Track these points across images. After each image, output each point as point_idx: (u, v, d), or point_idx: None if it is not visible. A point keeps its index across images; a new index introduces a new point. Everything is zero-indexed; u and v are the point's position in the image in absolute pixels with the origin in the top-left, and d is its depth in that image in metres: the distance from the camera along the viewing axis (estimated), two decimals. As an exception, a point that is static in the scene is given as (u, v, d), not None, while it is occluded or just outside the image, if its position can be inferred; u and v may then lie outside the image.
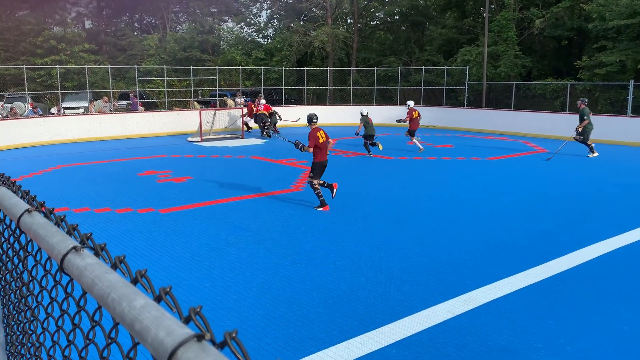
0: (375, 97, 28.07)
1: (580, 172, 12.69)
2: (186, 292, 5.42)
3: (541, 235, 7.51)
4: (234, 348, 0.63)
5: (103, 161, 14.32)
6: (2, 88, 30.74)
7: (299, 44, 31.73)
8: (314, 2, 33.10)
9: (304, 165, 13.48)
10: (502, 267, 6.18)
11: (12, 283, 1.78)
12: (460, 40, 30.35)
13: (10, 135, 17.30)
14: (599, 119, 19.41)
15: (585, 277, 5.90)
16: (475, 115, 23.18)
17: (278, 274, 5.95)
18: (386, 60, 32.24)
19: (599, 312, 4.99)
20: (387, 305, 5.13)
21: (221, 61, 34.43)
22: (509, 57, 26.30)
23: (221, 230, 7.70)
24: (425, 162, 14.07)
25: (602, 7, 22.70)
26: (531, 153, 16.06)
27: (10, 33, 33.10)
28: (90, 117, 19.76)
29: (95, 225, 7.93)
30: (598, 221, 8.29)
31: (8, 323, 1.88)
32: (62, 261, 1.01)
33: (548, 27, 26.65)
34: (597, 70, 22.77)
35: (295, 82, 32.11)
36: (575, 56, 27.48)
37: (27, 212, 1.31)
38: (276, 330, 4.61)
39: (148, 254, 6.67)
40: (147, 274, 0.87)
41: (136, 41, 39.77)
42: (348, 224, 8.06)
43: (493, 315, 4.92)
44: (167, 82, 29.01)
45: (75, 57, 32.49)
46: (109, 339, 1.00)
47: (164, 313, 0.71)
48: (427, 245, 7.05)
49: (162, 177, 11.92)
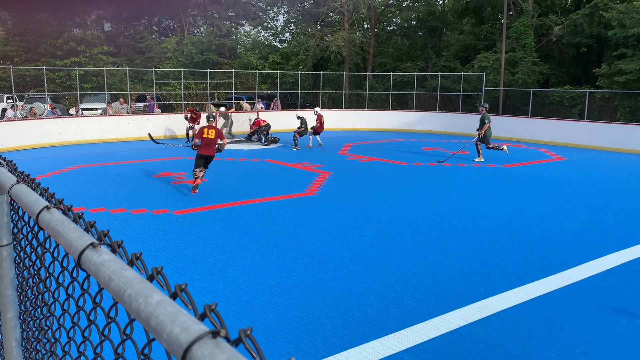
0: (391, 102, 28.02)
1: (601, 181, 12.52)
2: (199, 294, 5.44)
3: (558, 243, 7.42)
4: (248, 345, 0.63)
5: (120, 162, 14.47)
6: (23, 89, 31.25)
7: (316, 48, 31.84)
8: (331, 7, 33.19)
9: (319, 169, 13.49)
10: (518, 275, 6.11)
11: (29, 280, 1.80)
12: (478, 46, 30.20)
13: (29, 135, 17.58)
14: (618, 127, 19.21)
15: (601, 287, 5.82)
16: (492, 121, 22.97)
17: (291, 278, 5.95)
18: (402, 65, 32.19)
19: (616, 323, 4.91)
20: (400, 311, 5.11)
21: (238, 64, 34.67)
22: (526, 63, 26.10)
23: (235, 233, 7.73)
24: (440, 168, 13.99)
25: (623, 15, 22.45)
26: (549, 160, 15.90)
27: (32, 35, 33.68)
28: (108, 119, 20.00)
29: (110, 225, 8.01)
30: (615, 231, 8.17)
31: (24, 319, 1.90)
32: (79, 257, 1.02)
33: (567, 34, 26.41)
34: (616, 78, 22.49)
35: (311, 87, 32.19)
36: (594, 64, 27.18)
37: (46, 209, 1.32)
38: (288, 333, 4.61)
39: (162, 254, 6.72)
40: (163, 272, 0.88)
41: (154, 44, 40.21)
42: (362, 228, 8.04)
43: (507, 323, 4.86)
44: (184, 85, 29.27)
45: (94, 59, 32.95)
46: (124, 335, 1.00)
47: (179, 309, 0.72)
48: (441, 251, 7.00)
49: (177, 179, 12.00)
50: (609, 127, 19.37)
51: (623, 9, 22.65)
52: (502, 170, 13.81)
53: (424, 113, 25.43)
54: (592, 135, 19.34)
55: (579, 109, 23.88)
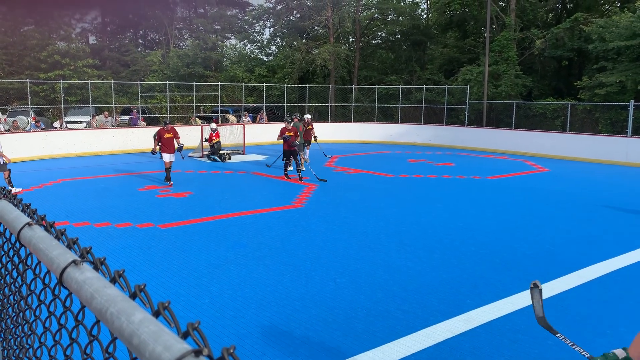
0: (377, 114, 28.20)
1: (584, 192, 12.69)
2: (184, 308, 5.39)
3: (542, 254, 7.49)
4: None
5: (104, 175, 14.35)
6: (6, 102, 30.92)
7: (301, 61, 32.00)
8: (317, 20, 33.44)
9: (306, 182, 13.50)
10: (503, 286, 6.15)
11: (10, 297, 1.77)
12: (461, 59, 30.59)
13: (12, 148, 17.35)
14: (599, 139, 19.52)
15: (585, 297, 5.87)
16: (475, 134, 23.27)
17: (277, 291, 5.92)
18: (387, 78, 32.47)
19: (600, 333, 4.95)
20: (387, 323, 5.10)
21: (224, 77, 34.68)
22: (509, 76, 26.48)
23: (220, 247, 7.68)
24: (425, 180, 14.08)
25: (602, 29, 22.92)
26: (532, 172, 16.08)
27: (15, 48, 33.41)
28: (92, 132, 19.85)
29: (94, 240, 7.92)
30: (599, 241, 8.27)
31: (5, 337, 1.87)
32: (61, 274, 1.01)
33: (548, 48, 26.87)
34: (597, 91, 22.90)
35: (297, 99, 32.29)
36: (575, 76, 27.66)
37: (28, 226, 1.31)
38: (275, 347, 4.58)
39: (147, 269, 6.65)
40: (145, 289, 0.87)
41: (139, 57, 40.11)
42: (348, 241, 8.04)
43: (493, 335, 4.88)
44: (170, 98, 29.18)
45: (78, 72, 32.73)
46: (107, 354, 0.99)
47: (162, 328, 0.72)
48: (428, 263, 7.02)
49: (162, 192, 11.93)
50: (591, 138, 19.69)
51: (603, 23, 23.14)
52: (486, 182, 13.94)
53: (409, 125, 25.63)
54: (575, 147, 19.62)
55: (561, 121, 24.24)
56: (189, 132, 21.53)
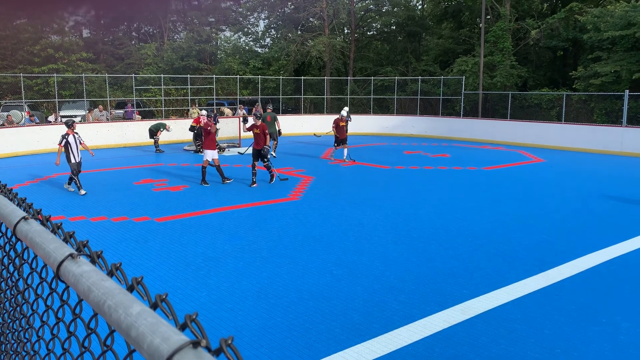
0: (372, 106, 28.17)
1: (579, 182, 12.73)
2: (182, 301, 5.39)
3: (538, 244, 7.52)
4: (229, 355, 0.64)
5: (99, 170, 14.30)
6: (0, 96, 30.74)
7: (297, 53, 31.89)
8: (312, 12, 33.29)
9: (301, 174, 13.49)
10: (499, 277, 6.18)
11: (7, 291, 1.77)
12: (457, 50, 30.54)
13: (6, 143, 17.28)
14: (594, 128, 19.57)
15: (582, 287, 5.91)
16: (471, 125, 23.28)
17: (274, 283, 5.93)
18: (383, 70, 32.41)
19: (596, 322, 4.99)
20: (384, 314, 5.12)
21: (218, 70, 34.54)
22: (504, 67, 26.47)
23: (217, 239, 7.68)
24: (421, 172, 14.09)
25: (597, 19, 22.90)
26: (528, 162, 16.12)
27: (8, 41, 33.16)
28: (87, 126, 19.75)
29: (91, 234, 7.90)
30: (594, 231, 8.31)
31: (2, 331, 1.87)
32: (58, 268, 1.01)
33: (543, 38, 26.86)
34: (592, 81, 22.93)
35: (293, 92, 32.22)
36: (570, 67, 27.67)
37: (24, 220, 1.31)
38: (272, 339, 4.59)
39: (144, 262, 6.65)
40: (143, 282, 0.87)
41: (134, 50, 39.90)
42: (345, 233, 8.06)
43: (490, 324, 4.91)
44: (164, 91, 29.06)
45: (72, 66, 32.53)
46: (105, 347, 0.99)
47: (159, 320, 0.72)
48: (424, 254, 7.05)
49: (158, 186, 11.90)
50: (586, 128, 19.73)
51: (598, 12, 23.12)
52: (482, 173, 13.96)
53: (404, 117, 25.62)
54: (570, 137, 19.68)
55: (556, 111, 24.29)
56: (185, 125, 21.46)
